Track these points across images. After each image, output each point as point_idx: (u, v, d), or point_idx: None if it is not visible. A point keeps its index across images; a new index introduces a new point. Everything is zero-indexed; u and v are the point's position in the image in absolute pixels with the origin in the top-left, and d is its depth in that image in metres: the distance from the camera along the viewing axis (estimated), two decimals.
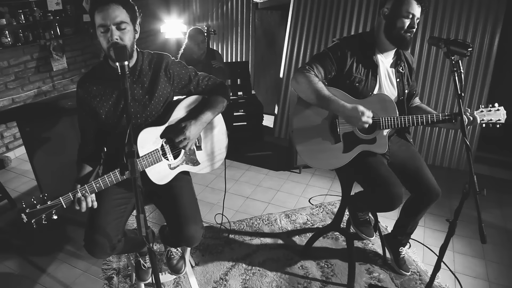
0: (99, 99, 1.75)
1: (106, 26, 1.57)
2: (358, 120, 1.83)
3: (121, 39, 1.59)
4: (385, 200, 1.89)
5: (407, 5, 1.86)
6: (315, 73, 1.92)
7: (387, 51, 2.02)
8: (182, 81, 1.87)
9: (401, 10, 1.87)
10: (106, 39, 1.58)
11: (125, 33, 1.61)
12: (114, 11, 1.57)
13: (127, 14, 1.62)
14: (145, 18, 5.69)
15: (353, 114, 1.83)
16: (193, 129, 1.76)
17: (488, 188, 3.53)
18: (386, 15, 1.93)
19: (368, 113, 1.83)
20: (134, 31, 1.68)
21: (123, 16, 1.60)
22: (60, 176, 3.09)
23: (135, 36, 1.69)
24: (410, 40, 1.92)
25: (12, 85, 4.02)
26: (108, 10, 1.56)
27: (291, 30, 4.39)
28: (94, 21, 1.60)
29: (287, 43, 4.44)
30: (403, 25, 1.88)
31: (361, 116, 1.81)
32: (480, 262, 2.60)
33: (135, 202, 1.25)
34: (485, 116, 1.93)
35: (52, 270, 2.53)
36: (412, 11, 1.86)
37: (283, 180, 3.65)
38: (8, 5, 3.78)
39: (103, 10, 1.56)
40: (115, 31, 1.58)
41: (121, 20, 1.58)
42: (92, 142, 1.84)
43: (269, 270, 2.49)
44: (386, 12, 1.93)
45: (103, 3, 1.57)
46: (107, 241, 1.64)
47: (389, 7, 1.92)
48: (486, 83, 3.70)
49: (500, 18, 3.55)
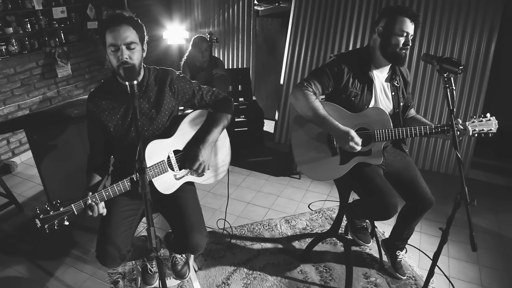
0: (108, 113, 1.84)
1: (116, 46, 1.66)
2: (346, 143, 1.94)
3: (130, 58, 1.68)
4: (380, 209, 1.98)
5: (400, 23, 1.94)
6: (313, 90, 2.00)
7: (382, 66, 2.10)
8: (186, 95, 1.96)
9: (395, 29, 1.95)
10: (116, 58, 1.67)
11: (134, 52, 1.70)
12: (125, 31, 1.66)
13: (136, 34, 1.71)
14: (148, 24, 5.73)
15: (344, 137, 1.94)
16: (205, 153, 1.89)
17: (483, 194, 3.66)
18: (381, 33, 2.01)
19: (358, 140, 1.94)
20: (142, 50, 1.77)
21: (133, 36, 1.69)
22: (66, 182, 3.19)
23: (142, 55, 1.78)
24: (405, 57, 2.01)
25: (18, 91, 4.10)
26: (119, 31, 1.65)
27: (291, 38, 4.48)
28: (105, 40, 1.68)
29: (287, 50, 4.53)
30: (398, 43, 1.97)
31: (350, 141, 1.92)
32: (474, 267, 2.69)
33: (146, 216, 1.34)
34: (477, 126, 2.01)
35: (60, 274, 2.61)
36: (406, 29, 1.95)
37: (283, 185, 3.74)
38: (15, 14, 3.87)
39: (114, 31, 1.65)
40: (125, 50, 1.67)
41: (131, 41, 1.68)
42: (101, 154, 1.92)
43: (269, 275, 2.57)
44: (380, 31, 2.01)
45: (114, 23, 1.65)
46: (117, 252, 1.74)
47: (383, 25, 2.00)
48: (482, 90, 3.79)
49: (496, 26, 3.64)
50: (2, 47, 3.78)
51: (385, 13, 2.01)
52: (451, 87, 1.71)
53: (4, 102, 3.98)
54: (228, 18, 5.34)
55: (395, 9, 1.98)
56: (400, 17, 1.94)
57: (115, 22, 1.66)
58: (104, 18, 1.70)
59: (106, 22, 1.68)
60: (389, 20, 1.97)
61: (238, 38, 5.35)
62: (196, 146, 1.89)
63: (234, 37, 5.37)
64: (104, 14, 1.74)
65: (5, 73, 3.92)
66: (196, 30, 5.66)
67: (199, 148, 1.88)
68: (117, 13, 1.70)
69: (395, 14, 1.96)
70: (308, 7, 4.34)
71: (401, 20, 1.94)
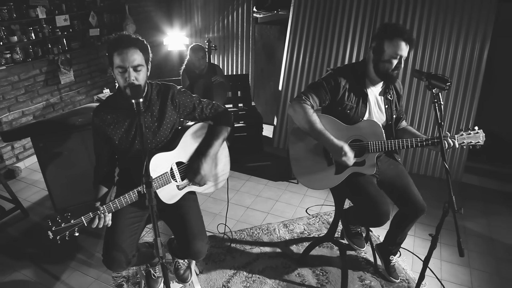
0: (113, 127, 1.93)
1: (124, 68, 1.75)
2: (340, 158, 2.05)
3: (137, 79, 1.78)
4: (373, 217, 2.08)
5: (395, 46, 2.00)
6: (311, 103, 2.10)
7: (376, 81, 2.20)
8: (187, 109, 2.06)
9: (389, 50, 2.01)
10: (123, 79, 1.77)
11: (140, 73, 1.80)
12: (132, 54, 1.75)
13: (142, 56, 1.80)
14: (149, 31, 5.90)
15: (338, 151, 2.05)
16: (206, 166, 1.99)
17: (476, 198, 3.75)
18: (375, 52, 2.08)
19: (351, 154, 2.05)
20: (147, 70, 1.87)
21: (139, 58, 1.78)
22: (70, 188, 3.30)
23: (147, 74, 1.88)
24: (396, 76, 2.09)
25: (22, 98, 4.20)
26: (127, 54, 1.74)
27: (290, 45, 4.58)
28: (113, 61, 1.78)
29: (286, 57, 4.63)
30: (390, 64, 2.04)
31: (343, 156, 2.03)
32: (465, 270, 2.79)
33: (153, 228, 1.44)
34: (465, 139, 2.11)
35: (65, 277, 2.71)
36: (400, 53, 2.01)
37: (281, 190, 3.84)
38: (20, 23, 3.96)
39: (122, 53, 1.74)
40: (132, 72, 1.76)
41: (138, 63, 1.77)
42: (106, 165, 2.02)
43: (268, 278, 2.67)
44: (375, 50, 2.08)
45: (122, 46, 1.74)
46: (123, 257, 1.83)
47: (378, 45, 2.06)
48: (475, 97, 3.88)
49: (488, 32, 3.74)
50: (7, 55, 3.88)
51: (380, 33, 2.05)
52: (439, 102, 1.81)
53: (9, 108, 4.07)
54: (228, 25, 5.44)
55: (391, 31, 2.01)
56: (395, 39, 1.99)
57: (123, 45, 1.75)
58: (112, 39, 1.79)
59: (114, 44, 1.77)
60: (384, 41, 2.02)
61: (238, 45, 5.45)
62: (198, 160, 2.00)
63: (234, 44, 5.48)
64: (113, 35, 1.83)
65: (9, 80, 4.02)
66: (196, 36, 5.76)
67: (201, 161, 1.99)
68: (125, 35, 1.80)
69: (390, 36, 2.00)
70: (306, 15, 4.45)
71: (396, 43, 1.99)
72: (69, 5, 4.45)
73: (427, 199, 2.34)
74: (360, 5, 4.18)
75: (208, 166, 2.01)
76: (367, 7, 4.16)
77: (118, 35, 1.79)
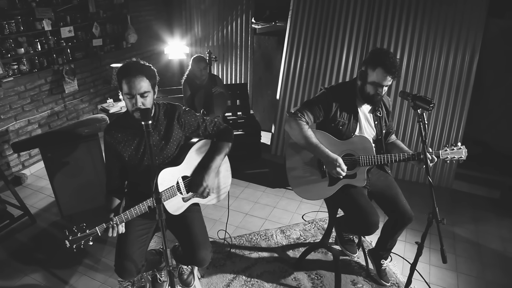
0: (123, 145, 2.08)
1: (132, 95, 1.90)
2: (334, 169, 2.21)
3: (144, 104, 1.93)
4: (363, 226, 2.25)
5: (378, 75, 2.15)
6: (306, 120, 2.27)
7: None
8: (192, 127, 2.21)
9: (373, 78, 2.18)
10: (131, 104, 1.92)
11: (147, 99, 1.94)
12: (139, 82, 1.89)
13: (149, 83, 1.94)
14: (150, 40, 6.05)
15: (332, 163, 2.20)
16: (209, 179, 2.15)
17: (465, 205, 3.91)
18: (360, 77, 2.26)
19: (344, 167, 2.21)
20: (154, 93, 2.01)
21: (146, 85, 1.92)
22: (77, 195, 3.45)
23: (154, 97, 2.03)
24: (380, 100, 2.27)
25: (28, 107, 4.34)
26: (134, 82, 1.88)
27: (287, 55, 4.74)
28: (122, 87, 1.92)
29: (283, 67, 4.79)
30: (374, 91, 2.21)
31: (337, 167, 2.19)
32: (453, 274, 2.95)
33: (163, 240, 1.59)
34: (449, 154, 2.28)
35: (74, 281, 2.85)
36: (382, 83, 2.16)
37: (279, 197, 3.99)
38: (26, 35, 4.11)
39: (129, 81, 1.88)
40: (139, 98, 1.91)
41: (144, 90, 1.91)
42: (117, 179, 2.17)
43: (266, 282, 2.82)
44: (361, 75, 2.25)
45: (131, 75, 1.89)
46: (133, 267, 2.00)
47: (364, 71, 2.23)
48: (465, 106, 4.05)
49: (478, 42, 3.92)
50: (14, 67, 4.03)
51: (367, 60, 2.21)
52: (423, 121, 1.97)
53: (15, 117, 4.22)
54: (227, 35, 5.59)
55: (376, 61, 2.15)
56: (379, 69, 2.13)
57: (131, 74, 1.88)
58: (121, 67, 1.93)
59: (122, 72, 1.91)
60: (368, 69, 2.19)
61: (237, 54, 5.61)
62: (202, 173, 2.15)
63: (233, 53, 5.63)
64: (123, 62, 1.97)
65: (16, 90, 4.16)
66: (196, 45, 5.91)
67: (204, 174, 2.14)
68: (132, 63, 1.94)
69: (375, 66, 2.15)
70: (303, 26, 4.62)
71: (379, 72, 2.14)
72: (73, 16, 4.60)
73: (418, 206, 2.49)
74: (355, 17, 4.35)
75: (211, 179, 2.16)
76: (362, 19, 4.33)
77: (126, 63, 1.94)
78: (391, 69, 2.12)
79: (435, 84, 4.13)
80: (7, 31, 3.86)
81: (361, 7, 4.33)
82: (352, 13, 4.37)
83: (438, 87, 4.12)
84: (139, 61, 1.99)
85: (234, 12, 5.43)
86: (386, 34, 4.25)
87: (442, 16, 3.99)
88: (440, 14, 4.00)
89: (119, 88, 1.97)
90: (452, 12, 3.95)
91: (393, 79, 2.17)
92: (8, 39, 3.92)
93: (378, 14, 4.27)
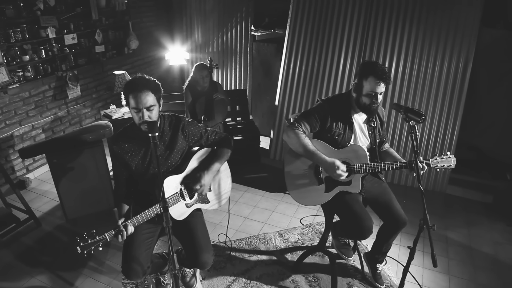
0: (130, 154, 2.19)
1: (138, 109, 2.01)
2: (334, 172, 2.31)
3: (150, 117, 2.03)
4: (357, 231, 2.36)
5: (371, 83, 2.26)
6: (303, 130, 2.38)
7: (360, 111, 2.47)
8: (195, 137, 2.33)
9: (366, 88, 2.29)
10: (138, 117, 2.03)
11: (153, 112, 2.05)
12: (145, 97, 2.00)
13: (155, 97, 2.05)
14: (151, 46, 6.16)
15: (331, 167, 2.31)
16: (207, 178, 2.24)
17: (458, 209, 4.01)
18: (355, 89, 2.37)
19: (343, 167, 2.31)
20: (159, 106, 2.12)
21: (151, 99, 2.03)
22: (81, 200, 3.55)
23: (159, 110, 2.14)
24: (375, 109, 2.37)
25: (32, 113, 4.44)
26: (140, 97, 1.99)
27: (286, 62, 4.86)
28: (128, 101, 2.03)
29: (282, 73, 4.91)
30: (369, 100, 2.32)
31: (336, 170, 2.29)
32: (445, 277, 3.05)
33: (169, 246, 1.70)
34: (438, 163, 2.39)
35: (79, 284, 2.95)
36: (375, 90, 2.28)
37: (277, 201, 4.10)
38: (31, 43, 4.20)
39: (136, 96, 1.99)
40: (146, 112, 2.02)
41: (150, 104, 2.02)
42: (124, 186, 2.28)
43: (265, 284, 2.92)
44: (355, 86, 2.36)
45: (137, 90, 2.00)
46: (140, 268, 2.10)
47: (357, 82, 2.34)
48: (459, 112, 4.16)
49: (471, 50, 4.04)
50: (19, 73, 4.13)
51: (359, 72, 2.33)
52: (415, 132, 2.08)
53: (20, 123, 4.31)
54: (227, 41, 5.70)
55: (367, 70, 2.28)
56: (371, 78, 2.25)
57: (138, 89, 1.99)
58: (128, 82, 2.05)
59: (129, 87, 2.03)
60: (362, 79, 2.31)
61: (236, 60, 5.72)
62: (201, 171, 2.26)
63: (232, 59, 5.74)
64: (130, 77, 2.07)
65: (21, 96, 4.26)
66: (196, 51, 6.02)
67: (203, 172, 2.25)
68: (139, 78, 2.05)
69: (366, 75, 2.27)
70: (301, 34, 4.73)
71: (372, 80, 2.25)
72: (76, 24, 4.70)
73: (413, 210, 2.58)
74: (352, 25, 4.47)
75: (208, 179, 2.26)
76: (359, 27, 4.45)
77: (133, 79, 2.06)
78: (382, 75, 2.24)
79: (430, 91, 4.24)
80: (13, 39, 3.96)
81: (358, 16, 4.45)
82: (349, 21, 4.49)
83: (433, 93, 4.23)
84: (145, 76, 2.09)
85: (234, 19, 5.54)
86: (382, 42, 4.36)
87: (437, 24, 4.11)
88: (435, 22, 4.11)
89: (126, 103, 2.07)
90: (446, 21, 4.07)
91: (385, 84, 2.28)
92: (14, 46, 4.02)
93: (375, 22, 4.39)
